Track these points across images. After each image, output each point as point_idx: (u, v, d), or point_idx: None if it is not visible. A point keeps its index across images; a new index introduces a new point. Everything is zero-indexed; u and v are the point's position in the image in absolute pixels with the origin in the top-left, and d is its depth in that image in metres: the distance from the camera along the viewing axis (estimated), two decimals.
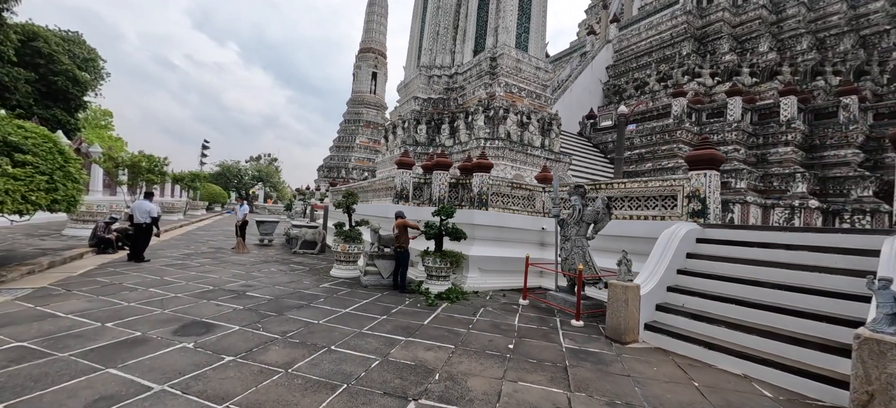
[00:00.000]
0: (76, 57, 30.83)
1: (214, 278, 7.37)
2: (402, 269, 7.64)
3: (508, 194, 9.71)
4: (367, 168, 34.90)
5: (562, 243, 7.20)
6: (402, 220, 7.74)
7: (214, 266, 8.69)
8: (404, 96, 16.99)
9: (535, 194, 10.19)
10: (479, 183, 9.03)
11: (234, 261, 9.61)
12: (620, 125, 9.19)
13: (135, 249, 8.49)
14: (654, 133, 16.10)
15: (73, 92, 18.93)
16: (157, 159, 16.28)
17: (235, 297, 6.13)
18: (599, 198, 6.83)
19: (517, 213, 9.72)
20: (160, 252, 10.09)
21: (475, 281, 8.40)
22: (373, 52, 38.75)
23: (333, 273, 8.61)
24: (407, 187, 9.72)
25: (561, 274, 7.37)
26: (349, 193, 8.88)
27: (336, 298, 6.59)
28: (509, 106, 12.46)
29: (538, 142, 12.96)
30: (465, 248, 8.32)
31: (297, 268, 9.30)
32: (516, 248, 9.45)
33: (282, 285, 7.22)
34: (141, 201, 8.53)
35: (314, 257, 11.31)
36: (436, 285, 7.58)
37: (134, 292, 5.93)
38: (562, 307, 6.90)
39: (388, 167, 16.18)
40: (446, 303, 6.85)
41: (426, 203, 9.89)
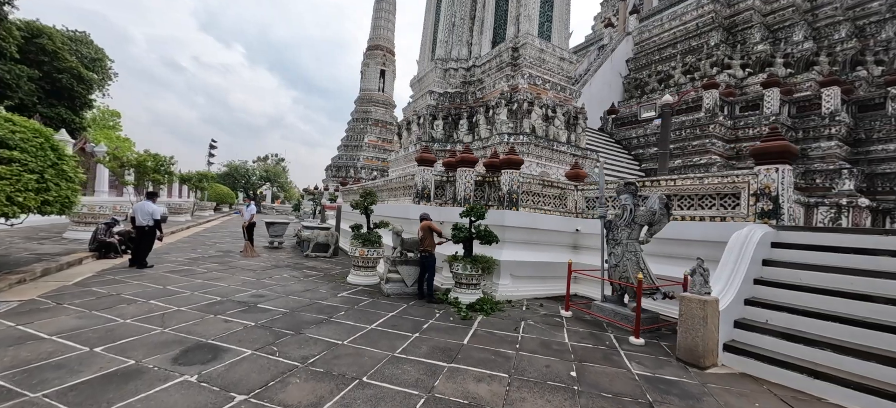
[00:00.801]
0: (84, 57, 30.53)
1: (222, 287, 6.67)
2: (428, 276, 6.89)
3: (539, 193, 8.91)
4: (376, 167, 34.26)
5: (610, 248, 6.38)
6: (427, 222, 6.99)
7: (222, 272, 8.01)
8: (418, 91, 16.24)
9: (567, 193, 9.38)
10: (509, 181, 8.25)
11: (242, 266, 8.92)
12: (665, 116, 8.39)
13: (137, 254, 7.83)
14: (684, 128, 15.16)
15: (78, 90, 18.45)
16: (163, 159, 15.71)
17: (246, 310, 5.41)
18: (656, 196, 6.01)
19: (549, 213, 8.92)
20: (165, 256, 9.45)
21: (507, 289, 7.62)
22: (381, 49, 38.08)
23: (351, 280, 7.89)
24: (428, 186, 8.96)
25: (607, 282, 6.57)
26: (367, 193, 8.15)
27: (358, 310, 5.85)
28: (534, 99, 11.65)
29: (564, 137, 12.13)
30: (495, 252, 7.54)
31: (311, 274, 8.58)
32: (549, 251, 8.66)
33: (296, 295, 6.50)
34: (143, 202, 7.88)
35: (327, 261, 10.61)
36: (466, 295, 6.82)
37: (132, 306, 5.23)
38: (611, 320, 6.09)
39: (401, 165, 15.45)
40: (481, 316, 6.08)
41: (449, 203, 9.12)
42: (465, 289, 6.86)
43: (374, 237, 7.89)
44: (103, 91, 35.94)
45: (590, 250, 8.89)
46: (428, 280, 6.87)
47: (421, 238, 6.97)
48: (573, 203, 9.43)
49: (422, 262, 6.99)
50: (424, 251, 6.88)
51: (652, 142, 16.53)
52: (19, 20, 16.27)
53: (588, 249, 8.94)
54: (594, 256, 8.65)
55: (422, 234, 6.93)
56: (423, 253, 6.89)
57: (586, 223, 8.96)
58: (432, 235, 6.91)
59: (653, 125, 16.53)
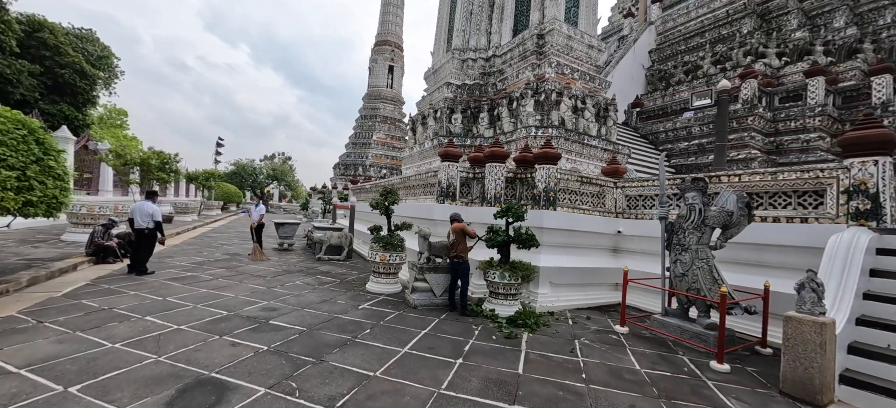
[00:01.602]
0: (90, 55, 30.15)
1: (229, 298, 5.91)
2: (461, 285, 6.07)
3: (576, 191, 8.05)
4: (386, 165, 33.53)
5: (674, 254, 5.50)
6: (460, 224, 6.17)
7: (229, 279, 7.26)
8: (433, 84, 15.41)
9: (606, 191, 8.50)
10: (545, 177, 7.40)
11: (251, 271, 8.18)
12: (722, 104, 7.49)
13: (136, 260, 7.11)
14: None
15: (81, 86, 17.88)
16: (167, 156, 15.06)
17: (256, 328, 4.63)
18: (730, 194, 5.13)
19: (587, 213, 8.06)
20: (168, 261, 8.74)
21: (547, 299, 6.79)
22: (389, 44, 37.30)
23: (371, 288, 7.10)
24: (453, 183, 8.13)
25: (666, 292, 5.70)
26: (388, 192, 7.35)
27: (385, 327, 5.05)
28: (562, 89, 10.75)
29: (594, 130, 11.23)
30: (533, 257, 6.70)
31: (326, 280, 7.81)
32: (588, 256, 7.81)
33: (313, 307, 5.71)
34: (142, 203, 7.15)
35: (342, 265, 9.84)
36: (503, 306, 5.99)
37: (125, 324, 4.48)
38: (678, 339, 5.23)
39: (416, 162, 14.65)
40: (526, 332, 5.25)
41: (477, 202, 8.29)
42: (503, 300, 6.04)
43: (396, 241, 7.09)
44: (110, 90, 35.64)
45: (633, 254, 8.02)
46: (461, 290, 6.06)
47: (452, 242, 6.15)
48: (612, 202, 8.56)
49: (453, 269, 6.18)
50: (456, 257, 6.06)
51: (682, 136, 15.55)
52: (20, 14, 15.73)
53: (631, 253, 8.07)
54: (640, 261, 7.78)
55: (453, 237, 6.11)
56: (455, 259, 6.07)
57: (629, 224, 8.08)
58: (465, 238, 6.09)
59: (683, 119, 15.54)
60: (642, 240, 7.89)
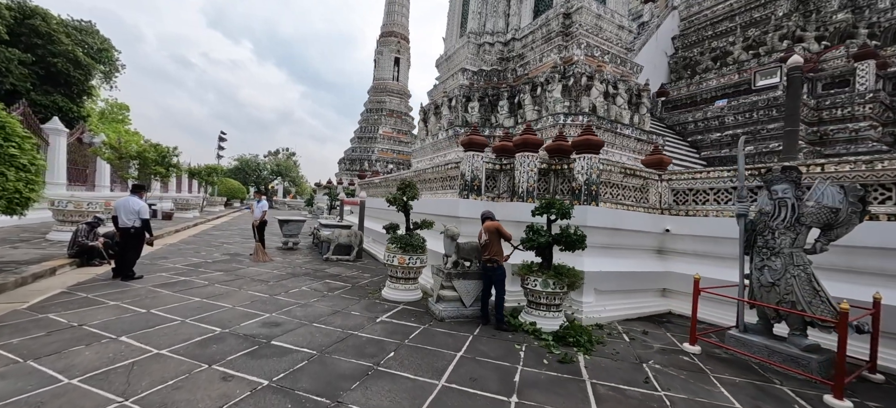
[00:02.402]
0: (90, 47, 29.40)
1: (224, 311, 5.04)
2: (496, 294, 5.17)
3: (619, 184, 7.10)
4: (392, 160, 32.63)
5: (762, 259, 4.54)
6: (494, 223, 5.26)
7: (227, 284, 6.40)
8: (446, 71, 14.45)
9: (650, 184, 7.54)
10: (587, 168, 6.45)
11: (252, 275, 7.32)
12: (793, 83, 6.49)
13: (120, 263, 6.27)
14: (757, 109, 13.10)
15: (75, 76, 17.06)
16: (165, 150, 14.24)
17: (255, 351, 3.76)
18: (827, 186, 4.17)
19: (631, 209, 7.12)
20: (161, 263, 7.90)
21: (592, 309, 5.86)
22: (395, 36, 36.27)
23: (387, 295, 6.20)
24: (478, 176, 7.20)
25: (744, 304, 4.76)
26: (407, 185, 6.44)
27: (411, 348, 4.15)
28: (593, 72, 9.76)
29: (627, 118, 10.23)
30: (575, 261, 5.76)
31: (336, 285, 6.93)
32: (633, 258, 6.87)
33: (323, 322, 4.83)
34: (127, 198, 6.28)
35: (351, 266, 8.96)
36: (546, 319, 5.08)
37: (93, 347, 3.61)
38: (768, 362, 4.30)
39: (429, 155, 13.72)
40: (580, 353, 4.34)
41: (504, 196, 7.36)
42: (545, 311, 5.12)
43: (416, 242, 6.18)
44: (111, 83, 34.96)
45: (682, 257, 7.08)
46: (496, 300, 5.15)
47: (484, 244, 5.24)
48: (656, 196, 7.60)
49: (486, 275, 5.28)
50: (490, 262, 5.15)
51: (713, 126, 14.49)
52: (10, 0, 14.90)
53: (680, 255, 7.12)
54: (691, 264, 6.83)
55: (485, 238, 5.20)
56: (489, 264, 5.16)
57: (678, 222, 7.13)
58: (500, 240, 5.17)
59: (715, 108, 14.48)
60: (694, 240, 6.93)
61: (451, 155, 11.81)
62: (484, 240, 5.23)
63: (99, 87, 35.33)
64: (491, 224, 5.21)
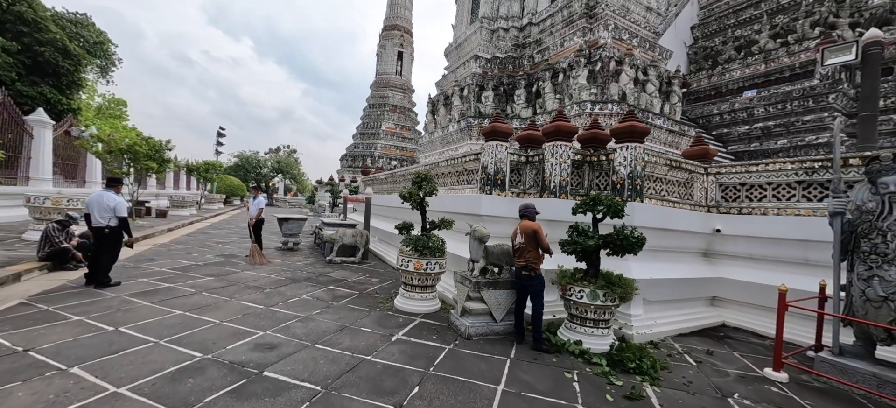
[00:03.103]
0: (86, 40, 28.58)
1: (210, 327, 4.21)
2: (533, 308, 4.33)
3: (663, 178, 6.25)
4: (395, 156, 31.79)
5: (870, 268, 3.69)
6: (533, 224, 4.40)
7: (217, 293, 5.58)
8: (456, 60, 13.59)
9: (695, 178, 6.69)
10: (631, 160, 5.60)
11: (247, 281, 6.49)
12: (871, 62, 5.66)
13: (94, 268, 5.44)
14: (790, 99, 12.21)
15: (64, 66, 16.20)
16: (158, 143, 13.40)
17: (242, 387, 2.93)
18: None
19: (677, 206, 6.27)
20: (146, 266, 7.08)
21: (643, 323, 5.02)
22: (398, 29, 35.41)
23: (402, 306, 5.37)
24: (502, 168, 6.35)
25: (838, 320, 3.90)
26: (423, 179, 5.59)
27: (439, 379, 3.32)
28: (623, 56, 8.89)
29: (657, 107, 9.38)
30: (621, 267, 4.91)
31: (341, 292, 6.10)
32: (680, 262, 6.03)
33: (328, 341, 4.00)
34: (100, 193, 5.45)
35: (357, 269, 8.13)
36: (594, 338, 4.25)
37: (29, 386, 2.79)
38: (879, 395, 3.45)
39: (438, 148, 12.88)
40: (645, 383, 3.51)
41: (531, 192, 6.51)
42: (592, 328, 4.29)
43: (435, 244, 5.34)
44: (107, 78, 34.19)
45: (735, 260, 6.23)
46: (534, 316, 4.31)
47: (518, 248, 4.39)
48: (701, 192, 6.74)
49: (521, 285, 4.44)
50: (526, 269, 4.30)
51: (741, 119, 13.61)
52: None
53: (732, 259, 6.27)
54: (746, 269, 6.00)
55: (521, 240, 4.35)
56: (524, 272, 4.32)
57: (730, 221, 6.27)
58: (538, 242, 4.31)
59: (743, 99, 13.59)
60: (748, 242, 6.08)
61: (462, 148, 10.97)
62: (518, 242, 4.38)
63: (96, 82, 34.63)
64: (529, 225, 4.35)
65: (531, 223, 4.35)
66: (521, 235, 4.35)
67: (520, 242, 4.37)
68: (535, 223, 4.36)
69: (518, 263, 4.40)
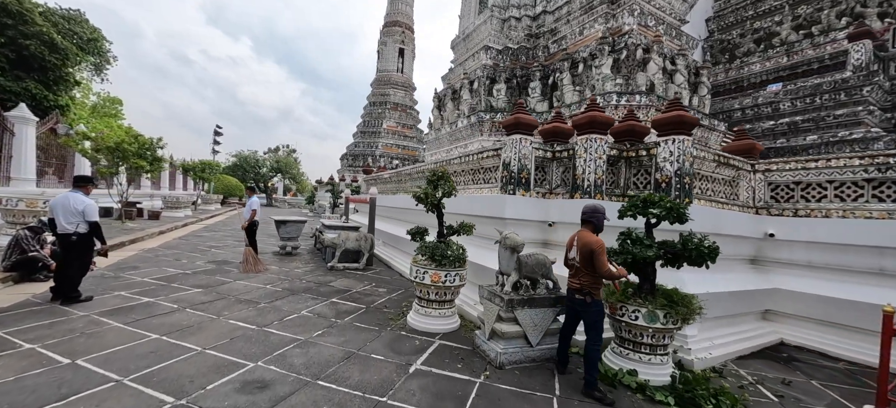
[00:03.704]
0: (80, 37, 27.82)
1: (188, 358, 3.50)
2: (588, 343, 3.40)
3: (709, 176, 5.54)
4: (397, 155, 31.06)
5: None
6: (592, 238, 3.41)
7: (203, 308, 4.85)
8: (463, 52, 12.86)
9: (741, 176, 5.97)
10: (676, 154, 4.88)
11: (239, 292, 5.77)
12: None
13: (60, 281, 4.71)
14: (820, 93, 11.50)
15: (50, 60, 15.44)
16: (148, 141, 12.65)
17: None
18: None
19: (724, 207, 5.56)
20: (127, 275, 6.36)
21: (700, 345, 4.30)
22: (399, 26, 34.65)
23: (416, 323, 4.65)
24: (527, 165, 5.63)
25: None
26: (440, 177, 4.87)
27: None
28: (650, 44, 8.17)
29: (686, 99, 8.66)
30: (673, 279, 4.18)
31: (347, 308, 5.37)
32: (731, 272, 5.31)
33: (332, 375, 3.28)
34: (67, 194, 4.72)
35: (362, 277, 7.41)
36: (651, 367, 3.55)
37: None
38: None
39: (446, 146, 12.15)
40: None
41: (559, 192, 5.79)
42: (649, 355, 3.57)
43: (455, 253, 4.61)
44: (102, 76, 33.42)
45: (790, 269, 5.52)
46: (587, 351, 3.38)
47: (572, 264, 3.56)
48: (749, 192, 6.03)
49: (571, 311, 3.64)
50: (581, 291, 3.42)
51: (765, 114, 12.88)
52: None
53: (786, 267, 5.56)
54: (804, 279, 5.28)
55: (574, 255, 3.50)
56: (579, 297, 3.44)
57: (786, 225, 5.56)
58: (600, 259, 3.30)
59: (767, 93, 12.88)
60: (808, 248, 5.37)
61: (473, 145, 10.24)
62: (572, 256, 3.56)
63: (90, 80, 33.86)
64: (589, 240, 3.38)
65: (592, 238, 3.40)
66: (577, 250, 3.47)
67: (573, 257, 3.53)
68: (597, 239, 3.39)
69: (571, 284, 3.57)
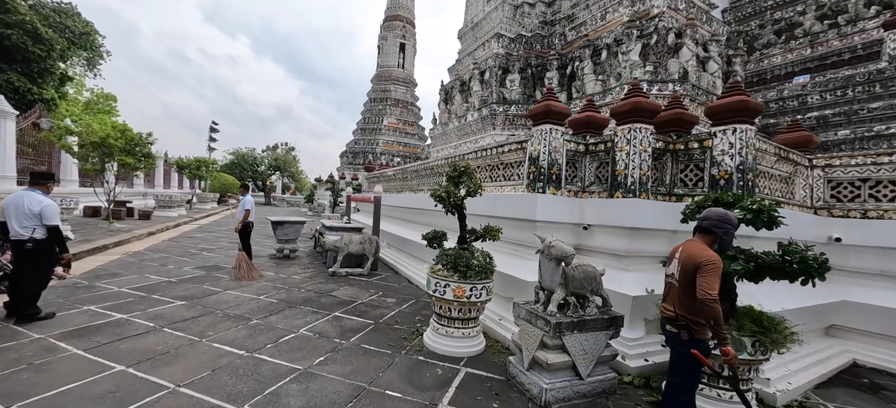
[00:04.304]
0: (72, 31, 27.00)
1: (156, 401, 2.79)
2: (669, 387, 2.64)
3: (767, 171, 4.83)
4: (398, 153, 30.34)
5: None
6: (707, 253, 2.44)
7: (184, 327, 4.15)
8: (472, 42, 12.12)
9: (797, 172, 5.28)
10: (739, 146, 4.17)
11: (229, 305, 5.05)
12: None
13: (16, 296, 3.98)
14: (853, 85, 10.81)
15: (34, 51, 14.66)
16: (137, 136, 11.89)
17: None
18: None
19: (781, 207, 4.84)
20: (103, 284, 5.63)
21: (778, 374, 3.60)
22: (400, 20, 33.87)
23: (435, 346, 3.94)
24: (557, 160, 4.92)
25: None
26: (463, 173, 4.16)
27: None
28: (683, 28, 7.46)
29: (720, 89, 7.96)
30: (747, 296, 3.47)
31: (352, 324, 4.66)
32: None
33: None
34: (21, 193, 3.98)
35: (366, 285, 6.70)
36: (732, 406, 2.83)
37: None
38: None
39: (453, 141, 11.44)
40: None
41: (593, 189, 5.08)
42: (730, 391, 2.87)
43: (482, 263, 3.90)
44: (94, 71, 32.61)
45: (858, 278, 4.84)
46: (667, 394, 2.65)
47: (672, 281, 2.64)
48: (805, 190, 5.34)
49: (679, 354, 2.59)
50: (675, 325, 2.56)
51: (791, 108, 12.18)
52: None
53: (854, 277, 4.87)
54: (876, 290, 4.60)
55: (676, 272, 2.60)
56: (671, 328, 2.59)
57: (856, 228, 4.86)
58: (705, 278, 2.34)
59: (793, 85, 12.18)
60: (882, 255, 4.68)
61: (485, 139, 9.53)
62: (669, 272, 2.71)
63: (83, 76, 33.02)
64: (699, 252, 2.44)
65: (704, 252, 2.43)
66: (678, 265, 2.58)
67: (671, 273, 2.66)
68: (711, 255, 2.40)
69: (663, 310, 2.70)
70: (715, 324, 2.30)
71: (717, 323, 2.29)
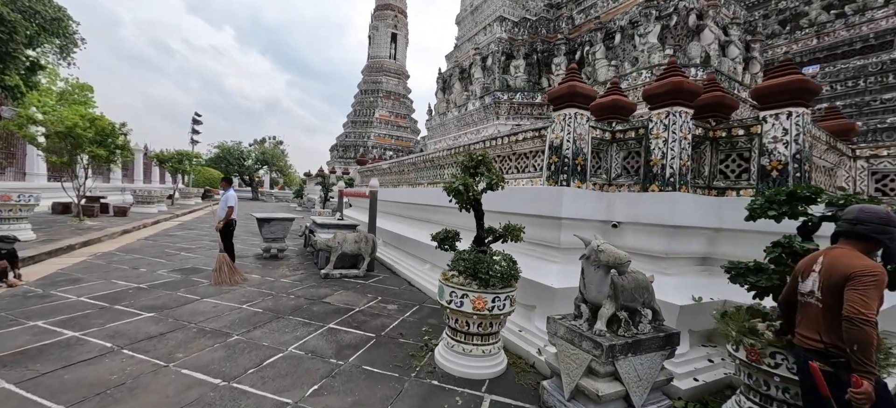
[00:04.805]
0: (43, 17, 25.43)
1: None
2: None
3: (815, 162, 4.33)
4: (390, 146, 29.55)
5: None
6: (864, 257, 1.87)
7: (149, 346, 3.48)
8: (471, 27, 11.46)
9: (842, 162, 4.81)
10: (795, 133, 3.65)
11: (204, 317, 4.38)
12: None
13: None
14: (865, 74, 10.49)
15: None
16: (108, 125, 10.96)
17: None
18: None
19: None
20: (61, 292, 4.89)
21: None
22: (392, 9, 32.89)
23: (449, 366, 3.35)
24: (582, 149, 4.34)
25: None
26: (480, 162, 3.56)
27: None
28: (705, 9, 6.93)
29: (740, 75, 7.48)
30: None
31: (351, 339, 4.04)
32: None
33: None
34: None
35: (364, 287, 6.06)
36: None
37: None
38: None
39: (452, 132, 10.80)
40: None
41: (621, 182, 4.52)
42: None
43: (505, 269, 3.31)
44: (68, 60, 30.92)
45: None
46: None
47: (813, 300, 1.98)
48: (848, 183, 4.88)
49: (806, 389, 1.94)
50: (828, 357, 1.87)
51: None
52: None
53: None
54: None
55: (817, 289, 1.97)
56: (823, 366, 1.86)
57: None
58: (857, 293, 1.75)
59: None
60: None
61: (488, 129, 8.93)
62: (806, 290, 2.06)
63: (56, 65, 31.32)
64: (853, 262, 1.85)
65: (860, 261, 1.84)
66: (819, 279, 1.99)
67: (809, 290, 2.05)
68: (871, 265, 1.82)
69: (803, 339, 2.03)
70: (860, 351, 1.73)
71: (864, 352, 1.72)
